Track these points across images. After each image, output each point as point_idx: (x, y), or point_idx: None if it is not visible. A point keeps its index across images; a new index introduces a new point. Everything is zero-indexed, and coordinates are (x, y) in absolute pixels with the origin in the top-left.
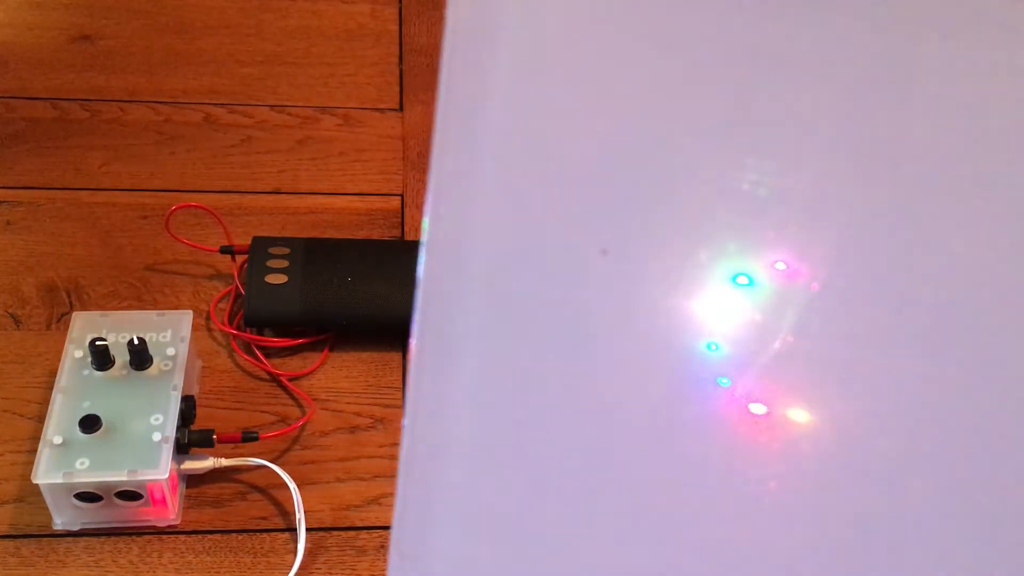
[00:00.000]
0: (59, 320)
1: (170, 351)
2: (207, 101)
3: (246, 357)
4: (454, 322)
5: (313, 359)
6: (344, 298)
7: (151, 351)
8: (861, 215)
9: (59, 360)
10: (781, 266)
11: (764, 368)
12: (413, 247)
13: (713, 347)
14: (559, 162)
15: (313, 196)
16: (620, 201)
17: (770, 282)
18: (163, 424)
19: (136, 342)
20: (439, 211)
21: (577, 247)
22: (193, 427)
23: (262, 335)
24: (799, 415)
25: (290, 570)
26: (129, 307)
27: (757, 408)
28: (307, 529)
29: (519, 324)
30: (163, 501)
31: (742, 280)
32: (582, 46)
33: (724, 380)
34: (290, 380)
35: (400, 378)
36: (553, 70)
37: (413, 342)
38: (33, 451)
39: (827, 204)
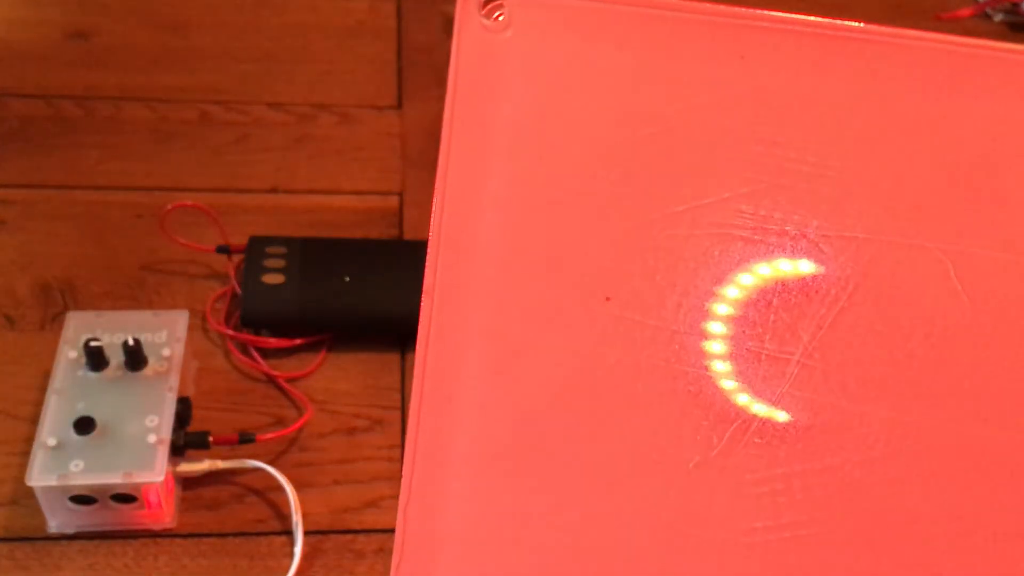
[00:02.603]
0: (53, 320)
1: (165, 352)
2: (203, 99)
3: (243, 358)
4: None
5: (310, 360)
6: (342, 298)
7: (146, 352)
8: (875, 247)
9: (53, 361)
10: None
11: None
12: (412, 247)
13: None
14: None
15: (310, 195)
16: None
17: (776, 324)
18: (158, 426)
19: (131, 343)
20: (439, 259)
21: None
22: (189, 429)
23: (259, 336)
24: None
25: (287, 573)
26: (124, 307)
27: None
28: (304, 532)
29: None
30: (158, 504)
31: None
32: (584, 103)
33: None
34: (287, 381)
35: (399, 379)
36: (554, 130)
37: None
38: (27, 453)
39: (833, 248)
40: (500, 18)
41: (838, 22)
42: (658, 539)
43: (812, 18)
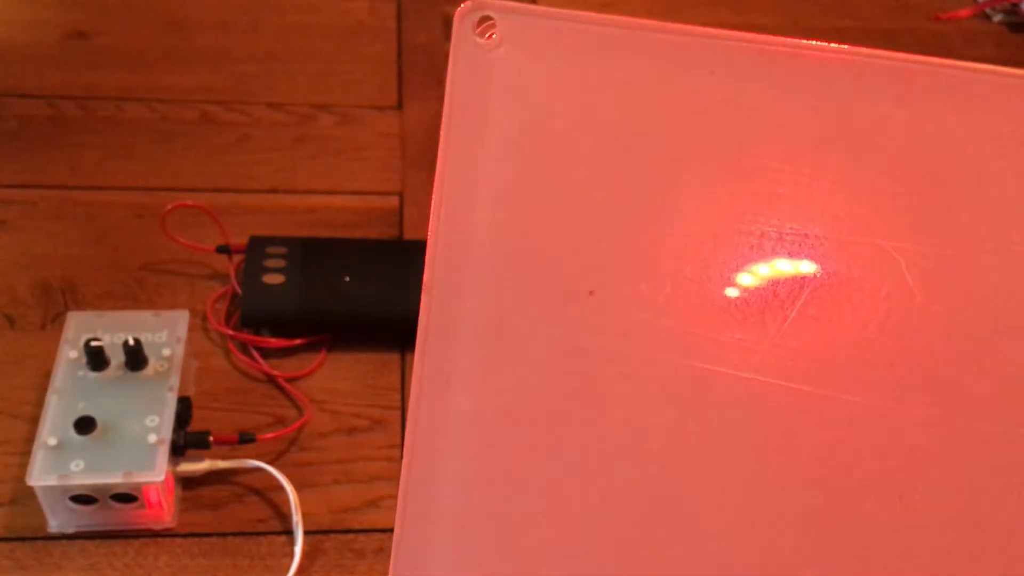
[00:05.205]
0: (54, 320)
1: (166, 352)
2: (203, 99)
3: (243, 358)
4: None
5: (311, 360)
6: (342, 298)
7: (147, 352)
8: (834, 245)
9: (53, 361)
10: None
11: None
12: (412, 247)
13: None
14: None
15: (311, 195)
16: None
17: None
18: (159, 426)
19: (132, 343)
20: (437, 258)
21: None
22: (189, 429)
23: (259, 336)
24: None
25: (287, 573)
26: (124, 307)
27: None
28: (304, 532)
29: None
30: (159, 503)
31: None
32: (569, 114)
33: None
34: (287, 381)
35: (399, 379)
36: (543, 138)
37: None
38: (27, 453)
39: (796, 245)
40: (493, 37)
41: (794, 41)
42: (638, 517)
43: (771, 37)
